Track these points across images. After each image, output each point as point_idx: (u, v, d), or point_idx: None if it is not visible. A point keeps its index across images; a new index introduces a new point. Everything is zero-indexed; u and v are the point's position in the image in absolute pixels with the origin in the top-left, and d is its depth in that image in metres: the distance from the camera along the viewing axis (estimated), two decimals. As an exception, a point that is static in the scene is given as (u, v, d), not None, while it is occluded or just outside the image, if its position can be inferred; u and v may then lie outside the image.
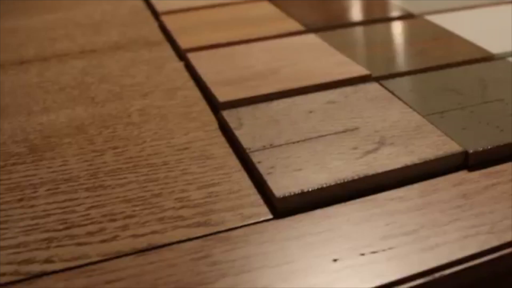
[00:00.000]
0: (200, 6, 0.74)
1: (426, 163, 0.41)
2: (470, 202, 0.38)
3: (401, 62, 0.56)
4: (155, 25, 0.73)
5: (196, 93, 0.55)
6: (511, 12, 0.70)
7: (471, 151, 0.42)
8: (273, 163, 0.41)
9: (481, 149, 0.43)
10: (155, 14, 0.75)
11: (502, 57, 0.58)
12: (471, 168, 0.42)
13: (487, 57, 0.58)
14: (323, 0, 0.75)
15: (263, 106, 0.49)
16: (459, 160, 0.42)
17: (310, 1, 0.74)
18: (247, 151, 0.43)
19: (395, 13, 0.69)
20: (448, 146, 0.43)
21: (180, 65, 0.61)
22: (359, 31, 0.64)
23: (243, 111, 0.48)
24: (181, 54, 0.62)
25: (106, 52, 0.65)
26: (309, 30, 0.64)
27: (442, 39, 0.62)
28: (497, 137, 0.44)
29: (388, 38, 0.62)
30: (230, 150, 0.45)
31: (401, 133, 0.44)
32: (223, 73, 0.55)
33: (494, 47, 0.59)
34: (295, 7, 0.71)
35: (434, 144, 0.43)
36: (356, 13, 0.70)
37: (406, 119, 0.46)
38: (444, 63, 0.56)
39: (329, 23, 0.66)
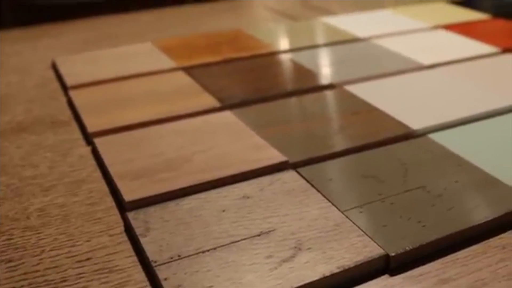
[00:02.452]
0: (112, 78, 0.70)
1: (345, 271, 0.38)
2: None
3: (320, 143, 0.54)
4: (63, 100, 0.69)
5: (103, 187, 0.51)
6: (432, 79, 0.69)
7: (392, 254, 0.40)
8: (181, 280, 0.38)
9: (402, 251, 0.40)
10: (64, 88, 0.70)
11: (423, 133, 0.56)
12: (393, 271, 0.39)
13: (408, 134, 0.56)
14: (240, 70, 0.71)
15: (172, 205, 0.45)
16: (380, 264, 0.40)
17: (227, 71, 0.71)
18: (153, 264, 0.39)
19: (314, 83, 0.67)
20: (368, 249, 0.40)
21: (87, 150, 0.57)
22: (276, 106, 0.61)
23: (151, 212, 0.45)
24: (88, 138, 0.58)
25: (8, 135, 0.61)
26: (225, 106, 0.61)
27: (362, 113, 0.60)
28: (419, 235, 0.41)
29: (306, 114, 0.60)
30: (136, 260, 0.42)
31: (319, 234, 0.42)
32: (131, 163, 0.51)
33: (415, 122, 0.57)
34: (212, 77, 0.69)
35: (353, 247, 0.40)
36: (274, 84, 0.67)
37: (324, 216, 0.44)
38: (364, 143, 0.54)
39: (246, 97, 0.63)
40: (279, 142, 0.54)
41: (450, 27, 0.90)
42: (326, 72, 0.70)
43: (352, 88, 0.65)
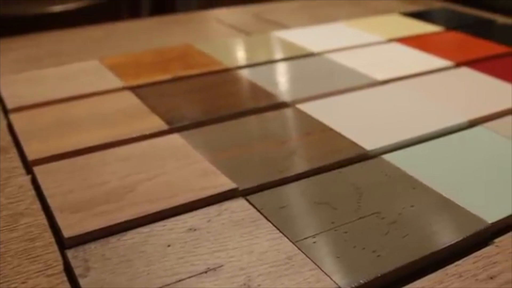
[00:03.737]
0: (55, 99, 0.67)
1: (297, 310, 0.36)
2: None
3: (271, 167, 0.51)
4: (3, 124, 0.65)
5: (42, 220, 0.48)
6: (386, 95, 0.67)
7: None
8: (122, 325, 0.35)
9: (356, 284, 0.38)
10: (4, 110, 0.67)
11: (377, 154, 0.55)
12: (348, 307, 0.37)
13: (362, 155, 0.54)
14: (190, 89, 0.69)
15: (114, 240, 0.43)
16: (334, 300, 0.38)
17: (177, 90, 0.69)
18: (92, 309, 0.36)
19: (266, 102, 0.65)
20: (321, 284, 0.38)
21: (26, 180, 0.54)
22: (227, 127, 0.59)
23: (92, 249, 0.42)
24: (28, 166, 0.55)
25: None
26: (173, 129, 0.59)
27: (315, 134, 0.58)
28: (374, 266, 0.40)
29: (257, 135, 0.57)
30: (75, 303, 0.39)
31: (269, 269, 0.39)
32: (72, 194, 0.48)
33: (369, 142, 0.56)
34: (161, 97, 0.66)
35: (306, 282, 0.38)
36: (224, 104, 0.64)
37: (275, 248, 0.41)
38: (318, 166, 0.52)
39: (195, 119, 0.61)
40: (229, 167, 0.51)
41: (404, 40, 0.90)
42: (279, 90, 0.68)
43: (306, 107, 0.64)
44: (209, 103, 0.65)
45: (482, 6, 1.09)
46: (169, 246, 0.42)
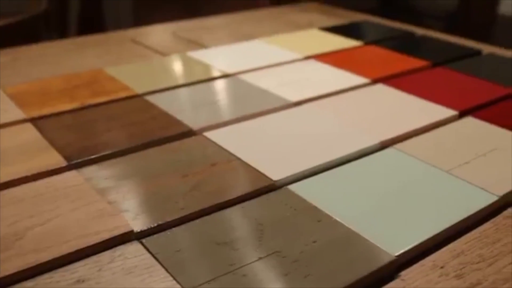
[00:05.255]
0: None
1: None
2: None
3: (171, 205, 0.49)
4: None
5: None
6: (298, 118, 0.66)
7: None
8: None
9: (251, 336, 0.36)
10: None
11: (283, 184, 0.53)
12: None
13: (267, 187, 0.52)
14: (94, 120, 0.66)
15: (-7, 298, 0.39)
16: None
17: (80, 121, 0.65)
18: None
19: (173, 131, 0.62)
20: (212, 338, 0.35)
21: None
22: (127, 161, 0.56)
23: (-34, 310, 0.38)
24: None
25: None
26: (71, 165, 0.56)
27: (221, 164, 0.55)
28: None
29: (160, 169, 0.55)
30: None
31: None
32: (-46, 245, 0.44)
33: (275, 172, 0.54)
34: (62, 130, 0.63)
35: (197, 336, 0.35)
36: (128, 135, 0.62)
37: (167, 298, 0.39)
38: (220, 201, 0.50)
39: (94, 153, 0.57)
40: (127, 206, 0.49)
41: (321, 57, 0.88)
42: (186, 117, 0.65)
43: (213, 135, 0.61)
44: (111, 134, 0.62)
45: (407, 18, 1.09)
46: (53, 302, 0.39)
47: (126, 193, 0.51)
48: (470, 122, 0.67)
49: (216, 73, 0.80)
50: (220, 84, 0.77)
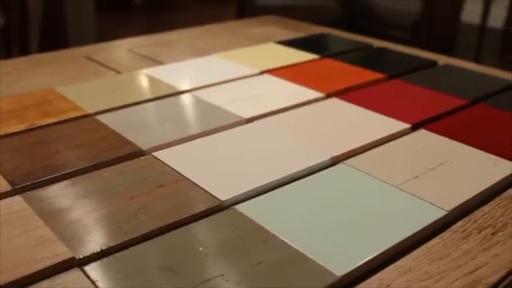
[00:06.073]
0: None
1: None
2: None
3: (115, 229, 0.48)
4: None
5: None
6: (249, 135, 0.65)
7: None
8: None
9: None
10: None
11: (230, 204, 0.52)
12: None
13: (214, 208, 0.52)
14: (42, 141, 0.64)
15: None
16: None
17: (28, 143, 0.64)
18: None
19: (123, 152, 0.61)
20: None
21: None
22: (73, 184, 0.55)
23: None
24: None
25: None
26: (16, 190, 0.54)
27: (169, 185, 0.55)
28: None
29: (105, 192, 0.54)
30: None
31: None
32: None
33: (223, 192, 0.53)
34: (8, 153, 0.61)
35: None
36: (78, 157, 0.60)
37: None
38: (166, 223, 0.49)
39: (41, 176, 0.56)
40: (71, 232, 0.48)
41: (277, 71, 0.88)
42: (136, 137, 0.64)
43: (163, 154, 0.61)
44: (61, 156, 0.61)
45: (372, 29, 1.09)
46: (-15, 336, 0.38)
47: (71, 218, 0.50)
48: (422, 135, 0.67)
49: (169, 91, 0.80)
50: (173, 102, 0.76)
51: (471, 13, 3.36)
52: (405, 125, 0.69)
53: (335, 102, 0.76)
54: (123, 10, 3.97)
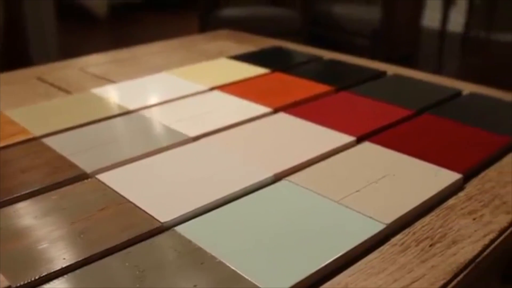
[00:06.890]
0: None
1: None
2: None
3: (53, 256, 0.48)
4: None
5: None
6: (194, 154, 0.65)
7: None
8: None
9: None
10: None
11: (170, 226, 0.52)
12: None
13: (155, 230, 0.52)
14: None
15: None
16: None
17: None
18: None
19: (65, 176, 0.61)
20: None
21: None
22: (15, 211, 0.55)
23: None
24: None
25: None
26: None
27: (110, 209, 0.55)
28: None
29: (46, 218, 0.54)
30: None
31: None
32: None
33: (164, 213, 0.53)
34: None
35: None
36: (19, 182, 0.60)
37: None
38: (104, 249, 0.49)
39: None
40: (8, 260, 0.47)
41: (226, 87, 0.89)
42: (81, 159, 0.64)
43: (106, 177, 0.61)
44: (2, 183, 0.60)
45: (334, 38, 1.10)
46: None
47: (10, 246, 0.50)
48: (366, 147, 0.68)
49: (117, 110, 0.80)
50: (120, 122, 0.76)
51: (432, 19, 3.41)
52: (350, 138, 0.70)
53: (282, 117, 0.77)
54: (88, 22, 3.95)
